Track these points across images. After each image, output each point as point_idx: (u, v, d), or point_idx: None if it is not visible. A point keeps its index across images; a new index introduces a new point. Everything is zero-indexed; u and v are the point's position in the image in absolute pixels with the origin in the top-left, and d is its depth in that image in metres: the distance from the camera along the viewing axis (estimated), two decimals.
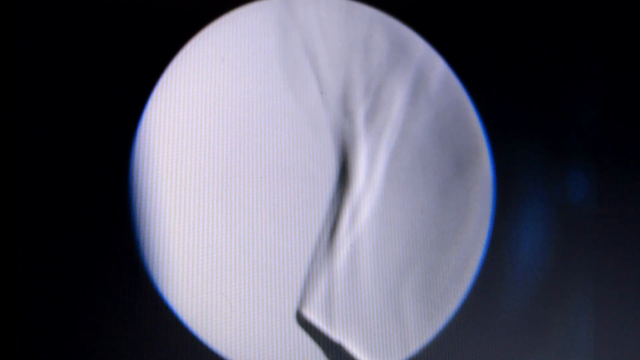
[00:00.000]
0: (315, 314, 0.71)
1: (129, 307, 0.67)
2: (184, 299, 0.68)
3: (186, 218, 0.69)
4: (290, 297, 0.71)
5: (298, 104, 0.74)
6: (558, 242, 0.81)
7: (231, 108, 0.72)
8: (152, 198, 0.68)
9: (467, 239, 0.77)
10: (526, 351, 0.79)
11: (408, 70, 0.77)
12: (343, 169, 0.75)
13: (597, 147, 0.83)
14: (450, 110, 0.78)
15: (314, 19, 0.75)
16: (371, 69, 0.77)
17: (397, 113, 0.77)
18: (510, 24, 0.80)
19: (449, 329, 0.75)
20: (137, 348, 0.67)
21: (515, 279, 0.79)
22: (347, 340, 0.72)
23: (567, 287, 0.81)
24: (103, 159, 0.68)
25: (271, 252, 0.71)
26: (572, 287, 0.81)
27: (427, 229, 0.76)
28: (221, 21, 0.72)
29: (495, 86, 0.80)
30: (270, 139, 0.72)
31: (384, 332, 0.74)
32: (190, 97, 0.70)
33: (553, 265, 0.81)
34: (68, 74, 0.68)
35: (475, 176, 0.78)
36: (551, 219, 0.81)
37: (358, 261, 0.74)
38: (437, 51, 0.78)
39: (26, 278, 0.66)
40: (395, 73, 0.77)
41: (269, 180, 0.72)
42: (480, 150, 0.78)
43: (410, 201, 0.76)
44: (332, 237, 0.73)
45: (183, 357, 0.68)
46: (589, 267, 0.82)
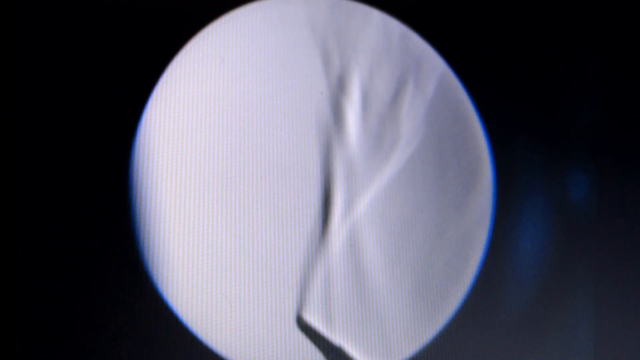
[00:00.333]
0: (314, 317, 0.71)
1: (129, 307, 0.67)
2: (184, 299, 0.68)
3: (186, 218, 0.69)
4: (290, 297, 0.71)
5: (298, 104, 0.74)
6: (558, 242, 0.81)
7: (231, 108, 0.72)
8: (152, 198, 0.68)
9: (467, 239, 0.77)
10: (526, 351, 0.79)
11: (407, 70, 0.77)
12: (339, 170, 0.75)
13: (597, 147, 0.83)
14: (450, 110, 0.78)
15: (314, 19, 0.75)
16: (371, 69, 0.76)
17: (396, 113, 0.77)
18: (510, 24, 0.80)
19: (449, 329, 0.75)
20: (137, 348, 0.67)
21: (515, 279, 0.79)
22: (347, 341, 0.72)
23: (567, 287, 0.81)
24: (103, 159, 0.68)
25: (271, 252, 0.71)
26: (572, 287, 0.81)
27: (427, 229, 0.76)
28: (221, 21, 0.72)
29: (495, 86, 0.80)
30: (270, 139, 0.72)
31: (384, 333, 0.74)
32: (190, 97, 0.70)
33: (553, 265, 0.81)
34: (68, 74, 0.68)
35: (475, 176, 0.78)
36: (551, 219, 0.81)
37: (357, 262, 0.74)
38: (437, 51, 0.78)
39: (26, 278, 0.66)
40: (394, 73, 0.77)
41: (269, 180, 0.72)
42: (480, 150, 0.78)
43: (410, 201, 0.76)
44: (330, 238, 0.73)
45: (183, 357, 0.68)
46: (589, 267, 0.82)
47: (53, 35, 0.67)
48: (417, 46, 0.78)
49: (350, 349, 0.72)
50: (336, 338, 0.72)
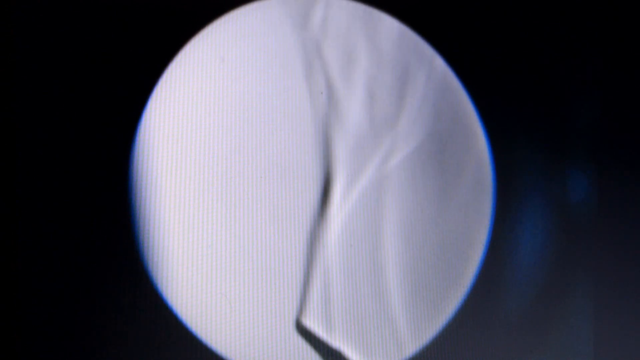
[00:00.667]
0: (313, 319, 0.71)
1: (129, 307, 0.67)
2: (184, 299, 0.68)
3: (186, 218, 0.69)
4: (290, 298, 0.71)
5: (298, 104, 0.74)
6: (558, 242, 0.81)
7: (231, 108, 0.72)
8: (152, 198, 0.68)
9: (467, 239, 0.77)
10: (526, 351, 0.79)
11: (407, 70, 0.77)
12: (338, 169, 0.75)
13: (597, 147, 0.83)
14: (450, 110, 0.78)
15: (315, 19, 0.75)
16: (371, 69, 0.77)
17: (396, 113, 0.77)
18: (510, 24, 0.80)
19: (449, 329, 0.75)
20: (137, 348, 0.67)
21: (515, 279, 0.79)
22: (347, 343, 0.72)
23: (567, 287, 0.81)
24: (103, 159, 0.68)
25: (271, 253, 0.71)
26: (572, 287, 0.81)
27: (427, 229, 0.76)
28: (221, 21, 0.72)
29: (495, 86, 0.80)
30: (270, 139, 0.72)
31: (384, 334, 0.74)
32: (190, 97, 0.70)
33: (553, 265, 0.81)
34: (68, 74, 0.68)
35: (475, 176, 0.78)
36: (551, 219, 0.81)
37: (356, 263, 0.74)
38: (437, 51, 0.78)
39: (26, 278, 0.66)
40: (394, 72, 0.77)
41: (269, 180, 0.72)
42: (480, 150, 0.78)
43: (409, 201, 0.76)
44: (329, 238, 0.73)
45: (183, 357, 0.68)
46: (589, 267, 0.82)
47: (53, 35, 0.67)
48: (417, 46, 0.78)
49: (350, 349, 0.72)
50: (335, 339, 0.72)
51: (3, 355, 0.65)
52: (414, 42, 0.78)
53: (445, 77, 0.78)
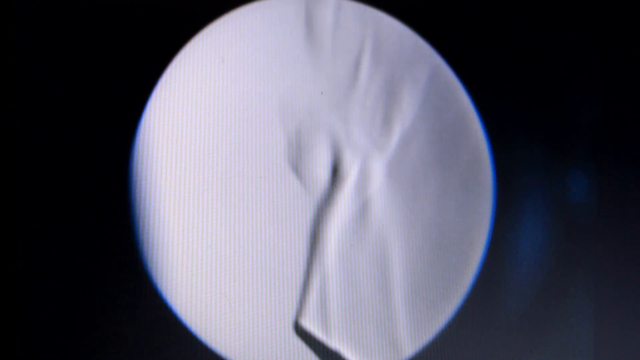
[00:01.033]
0: (312, 321, 0.71)
1: (129, 307, 0.67)
2: (184, 299, 0.68)
3: (186, 218, 0.69)
4: (290, 298, 0.71)
5: (298, 104, 0.74)
6: (558, 242, 0.81)
7: (231, 108, 0.72)
8: (152, 198, 0.68)
9: (467, 239, 0.77)
10: (526, 351, 0.79)
11: (407, 70, 0.77)
12: (337, 169, 0.75)
13: (597, 147, 0.83)
14: (450, 110, 0.78)
15: (315, 19, 0.75)
16: (371, 69, 0.77)
17: (396, 113, 0.77)
18: (510, 24, 0.80)
19: (449, 330, 0.75)
20: (137, 348, 0.67)
21: (515, 279, 0.79)
22: (346, 344, 0.72)
23: (567, 287, 0.81)
24: (103, 159, 0.68)
25: (271, 253, 0.71)
26: (572, 287, 0.81)
27: (427, 229, 0.76)
28: (221, 21, 0.72)
29: (495, 86, 0.80)
30: (270, 139, 0.72)
31: (384, 334, 0.74)
32: (190, 97, 0.70)
33: (553, 265, 0.81)
34: (68, 74, 0.68)
35: (475, 176, 0.78)
36: (551, 219, 0.81)
37: (356, 263, 0.74)
38: (437, 51, 0.78)
39: (26, 278, 0.66)
40: (394, 72, 0.77)
41: (269, 180, 0.72)
42: (480, 150, 0.78)
43: (409, 201, 0.76)
44: (329, 239, 0.73)
45: (183, 357, 0.68)
46: (589, 267, 0.82)
47: (53, 35, 0.67)
48: (417, 46, 0.78)
49: (349, 349, 0.72)
50: (334, 339, 0.72)
51: (3, 355, 0.65)
52: (414, 42, 0.78)
53: (445, 77, 0.78)
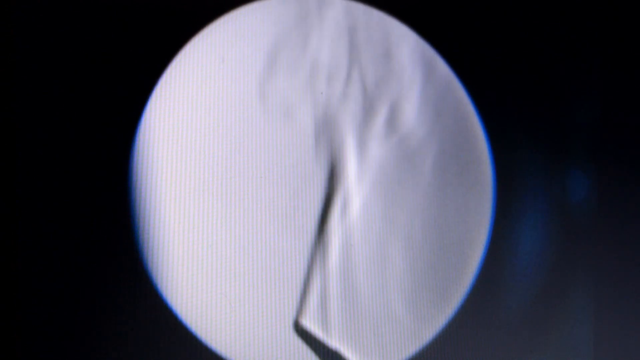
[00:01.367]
0: (311, 321, 0.71)
1: (129, 307, 0.67)
2: (184, 299, 0.68)
3: (186, 218, 0.69)
4: (290, 298, 0.71)
5: (299, 104, 0.74)
6: (558, 242, 0.81)
7: (231, 108, 0.72)
8: (152, 198, 0.68)
9: (467, 239, 0.77)
10: (526, 351, 0.79)
11: (407, 70, 0.77)
12: (337, 169, 0.75)
13: (597, 147, 0.83)
14: (450, 110, 0.78)
15: (315, 19, 0.75)
16: (371, 69, 0.76)
17: (396, 113, 0.77)
18: (510, 24, 0.80)
19: (449, 329, 0.75)
20: (137, 348, 0.67)
21: (515, 279, 0.79)
22: (346, 344, 0.72)
23: (567, 287, 0.81)
24: (103, 159, 0.68)
25: (271, 253, 0.71)
26: (572, 287, 0.81)
27: (427, 229, 0.76)
28: (221, 21, 0.72)
29: (495, 86, 0.80)
30: (270, 139, 0.72)
31: (384, 333, 0.74)
32: (190, 97, 0.70)
33: (553, 265, 0.81)
34: (68, 74, 0.68)
35: (475, 176, 0.78)
36: (551, 219, 0.81)
37: (355, 262, 0.74)
38: (437, 51, 0.78)
39: (26, 278, 0.66)
40: (394, 72, 0.77)
41: (270, 180, 0.72)
42: (480, 150, 0.78)
43: (409, 201, 0.76)
44: (329, 239, 0.73)
45: (183, 357, 0.68)
46: (589, 267, 0.82)
47: (53, 35, 0.67)
48: (417, 46, 0.78)
49: (349, 350, 0.72)
50: (335, 340, 0.72)
51: (3, 355, 0.65)
52: (414, 42, 0.78)
53: (445, 77, 0.78)
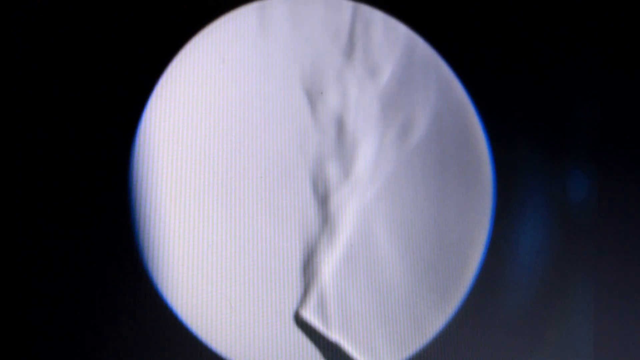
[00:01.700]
0: (312, 316, 0.71)
1: (129, 307, 0.67)
2: (184, 299, 0.68)
3: (186, 218, 0.69)
4: (290, 297, 0.71)
5: (299, 104, 0.74)
6: (558, 242, 0.81)
7: (231, 108, 0.72)
8: (152, 198, 0.68)
9: (467, 239, 0.77)
10: (526, 351, 0.79)
11: (407, 70, 0.77)
12: (338, 169, 0.75)
13: (597, 147, 0.83)
14: (450, 110, 0.78)
15: (315, 19, 0.75)
16: (371, 69, 0.76)
17: (396, 113, 0.77)
18: (510, 24, 0.80)
19: (449, 329, 0.75)
20: (137, 348, 0.67)
21: (515, 279, 0.79)
22: (346, 341, 0.72)
23: (567, 287, 0.81)
24: (103, 159, 0.68)
25: (271, 253, 0.71)
26: (572, 287, 0.81)
27: (427, 229, 0.76)
28: (221, 21, 0.72)
29: (495, 86, 0.80)
30: (270, 139, 0.72)
31: (384, 333, 0.74)
32: (190, 97, 0.70)
33: (553, 265, 0.81)
34: (68, 74, 0.68)
35: (475, 176, 0.78)
36: (551, 219, 0.81)
37: (355, 262, 0.74)
38: (437, 51, 0.78)
39: (26, 278, 0.66)
40: (395, 73, 0.77)
41: (269, 180, 0.72)
42: (480, 150, 0.78)
43: (409, 201, 0.76)
44: (326, 238, 0.73)
45: (183, 357, 0.68)
46: (589, 267, 0.82)
47: (53, 35, 0.67)
48: (417, 46, 0.78)
49: (349, 350, 0.72)
50: (333, 337, 0.72)
51: (3, 355, 0.66)
52: (414, 42, 0.78)
53: (445, 77, 0.78)
